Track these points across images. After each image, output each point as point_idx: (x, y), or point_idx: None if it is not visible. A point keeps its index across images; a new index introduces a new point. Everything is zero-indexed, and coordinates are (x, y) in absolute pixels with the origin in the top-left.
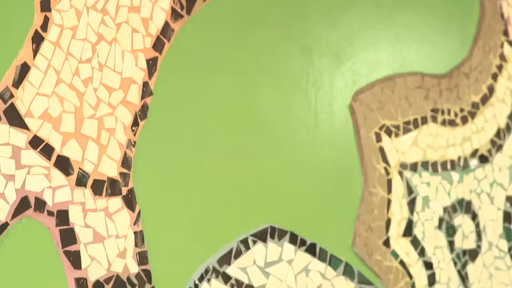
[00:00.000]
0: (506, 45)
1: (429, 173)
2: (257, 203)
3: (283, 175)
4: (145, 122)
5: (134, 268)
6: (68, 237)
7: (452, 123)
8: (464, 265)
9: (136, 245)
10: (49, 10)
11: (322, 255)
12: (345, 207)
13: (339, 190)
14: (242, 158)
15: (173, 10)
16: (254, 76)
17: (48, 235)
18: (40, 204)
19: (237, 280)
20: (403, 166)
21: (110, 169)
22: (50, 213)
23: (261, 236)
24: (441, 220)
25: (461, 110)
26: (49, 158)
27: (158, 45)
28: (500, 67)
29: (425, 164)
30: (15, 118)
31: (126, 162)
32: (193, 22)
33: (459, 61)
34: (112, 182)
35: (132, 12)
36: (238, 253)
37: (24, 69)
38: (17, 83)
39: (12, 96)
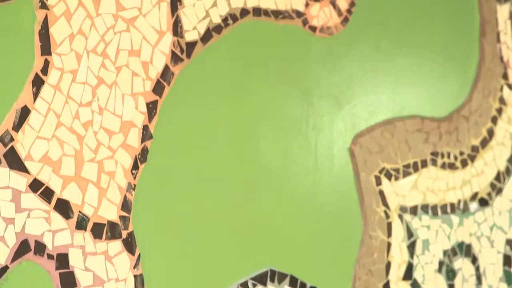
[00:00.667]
0: (505, 89)
1: (429, 216)
2: (257, 246)
3: (283, 218)
4: (145, 166)
5: None
6: (68, 280)
7: (452, 166)
8: None
9: None
10: (50, 53)
11: None
12: (345, 250)
13: (339, 233)
14: (242, 201)
15: (173, 53)
16: (254, 120)
17: (48, 279)
18: (40, 248)
19: None
20: (403, 209)
21: (110, 213)
22: (50, 257)
23: (261, 279)
24: (441, 264)
25: (461, 153)
26: (49, 202)
27: (158, 88)
28: (499, 111)
29: (425, 207)
30: (15, 162)
31: (126, 205)
32: (193, 66)
33: (459, 104)
34: (112, 225)
35: (132, 56)
36: None
37: (24, 113)
38: (17, 126)
39: (12, 139)
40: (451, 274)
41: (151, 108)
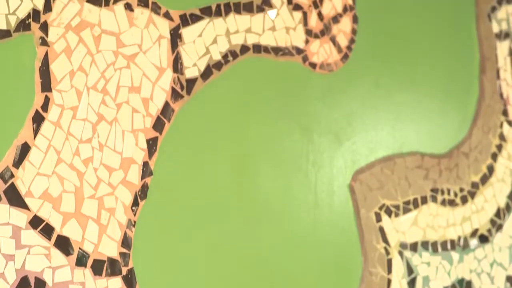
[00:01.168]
0: (505, 125)
1: (429, 253)
2: (257, 282)
3: (284, 254)
4: (145, 202)
5: None
6: None
7: (452, 203)
8: None
9: None
10: (50, 90)
11: None
12: (345, 287)
13: (339, 269)
14: (242, 237)
15: (173, 90)
16: (254, 156)
17: None
18: (40, 284)
19: None
20: (403, 246)
21: (110, 249)
22: None
23: None
24: None
25: (461, 190)
26: (49, 238)
27: (158, 125)
28: (499, 147)
29: (425, 244)
30: (15, 198)
31: (126, 242)
32: (193, 102)
33: (459, 141)
34: (112, 262)
35: (133, 92)
36: None
37: (25, 149)
38: (18, 163)
39: (12, 176)
40: None
41: (151, 144)
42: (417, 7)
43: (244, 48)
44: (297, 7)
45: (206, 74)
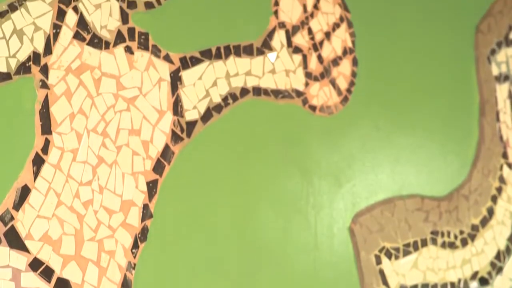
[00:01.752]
0: (505, 168)
1: None
2: None
3: None
4: (145, 245)
5: None
6: None
7: (452, 245)
8: None
9: None
10: (50, 133)
11: None
12: None
13: None
14: (243, 279)
15: (173, 132)
16: (254, 198)
17: None
18: None
19: None
20: None
21: None
22: None
23: None
24: None
25: (461, 232)
26: (49, 281)
27: (158, 167)
28: (499, 190)
29: (425, 287)
30: (15, 241)
31: (126, 284)
32: (193, 145)
33: (459, 183)
34: None
35: (133, 135)
36: None
37: (25, 192)
38: (18, 205)
39: (12, 218)
40: None
41: (152, 187)
42: (416, 50)
43: (244, 91)
44: (297, 50)
45: (206, 116)
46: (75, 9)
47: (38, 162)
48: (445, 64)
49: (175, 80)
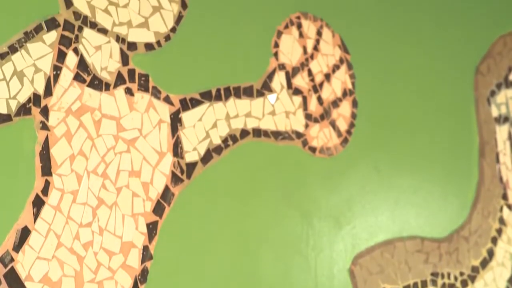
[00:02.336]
0: (505, 209)
1: None
2: None
3: None
4: (145, 286)
5: None
6: None
7: (452, 287)
8: None
9: None
10: (50, 174)
11: None
12: None
13: None
14: None
15: (173, 174)
16: (254, 240)
17: None
18: None
19: None
20: None
21: None
22: None
23: None
24: None
25: (461, 274)
26: None
27: (158, 209)
28: (499, 231)
29: None
30: (15, 282)
31: None
32: (193, 187)
33: (459, 225)
34: None
35: (133, 177)
36: None
37: (25, 233)
38: (18, 247)
39: (12, 260)
40: None
41: (151, 228)
42: (416, 91)
43: (244, 132)
44: (297, 92)
45: (206, 158)
46: (76, 50)
47: (38, 203)
48: (445, 105)
49: (175, 122)
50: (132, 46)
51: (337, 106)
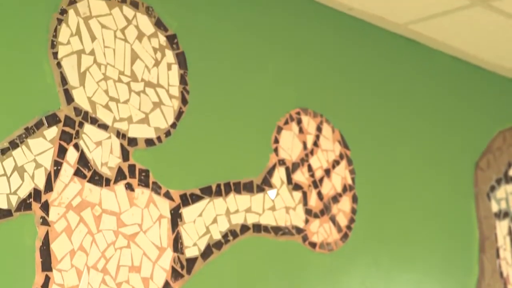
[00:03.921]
0: None
1: None
2: None
3: None
4: None
5: None
6: None
7: None
8: None
9: None
10: (50, 269)
11: None
12: None
13: None
14: None
15: (174, 269)
16: None
17: None
18: None
19: None
20: None
21: None
22: None
23: None
24: None
25: None
26: None
27: None
28: None
29: None
30: None
31: None
32: (193, 282)
33: None
34: None
35: (133, 272)
36: None
37: None
38: None
39: None
40: None
41: None
42: (416, 186)
43: (244, 228)
44: (297, 187)
45: (206, 253)
46: (76, 146)
47: None
48: (444, 200)
49: (176, 217)
50: (133, 141)
51: (337, 201)
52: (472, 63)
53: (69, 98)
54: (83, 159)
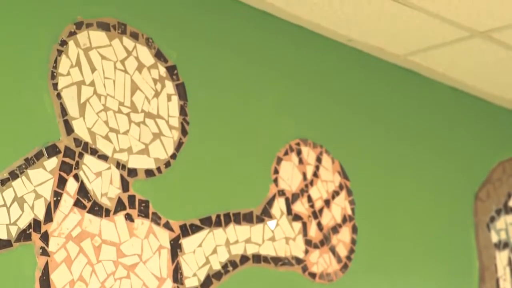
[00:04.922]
0: None
1: None
2: None
3: None
4: None
5: None
6: None
7: None
8: None
9: None
10: None
11: None
12: None
13: None
14: None
15: None
16: None
17: None
18: None
19: None
20: None
21: None
22: None
23: None
24: None
25: None
26: None
27: None
28: None
29: None
30: None
31: None
32: None
33: None
34: None
35: None
36: None
37: None
38: None
39: None
40: None
41: None
42: (416, 217)
43: (244, 258)
44: (297, 218)
45: (206, 284)
46: (76, 177)
47: None
48: (444, 230)
49: (175, 248)
50: (133, 172)
51: (337, 232)
52: (471, 94)
53: (69, 129)
54: (83, 190)
